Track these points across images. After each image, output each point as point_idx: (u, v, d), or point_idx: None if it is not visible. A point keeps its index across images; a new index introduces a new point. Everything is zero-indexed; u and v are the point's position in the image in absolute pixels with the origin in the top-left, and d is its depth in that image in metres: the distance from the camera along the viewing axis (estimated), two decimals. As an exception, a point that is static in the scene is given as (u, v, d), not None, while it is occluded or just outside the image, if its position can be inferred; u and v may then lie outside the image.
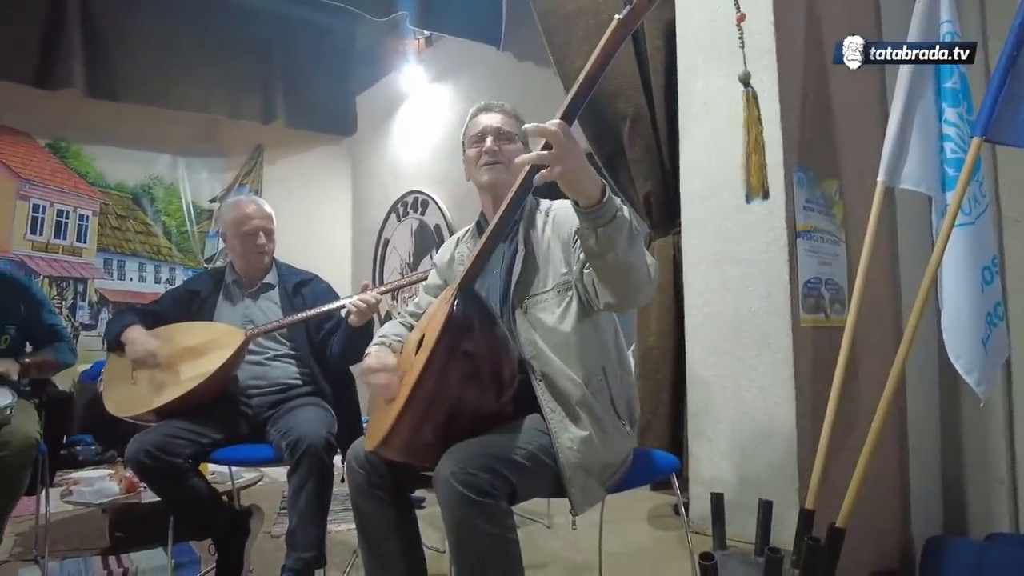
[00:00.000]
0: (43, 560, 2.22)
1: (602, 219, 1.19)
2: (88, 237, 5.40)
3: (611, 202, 1.20)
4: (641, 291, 1.33)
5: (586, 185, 1.17)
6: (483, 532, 1.19)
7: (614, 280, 1.29)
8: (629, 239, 1.23)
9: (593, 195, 1.18)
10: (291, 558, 1.80)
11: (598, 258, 1.25)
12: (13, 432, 1.88)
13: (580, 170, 1.15)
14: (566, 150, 1.12)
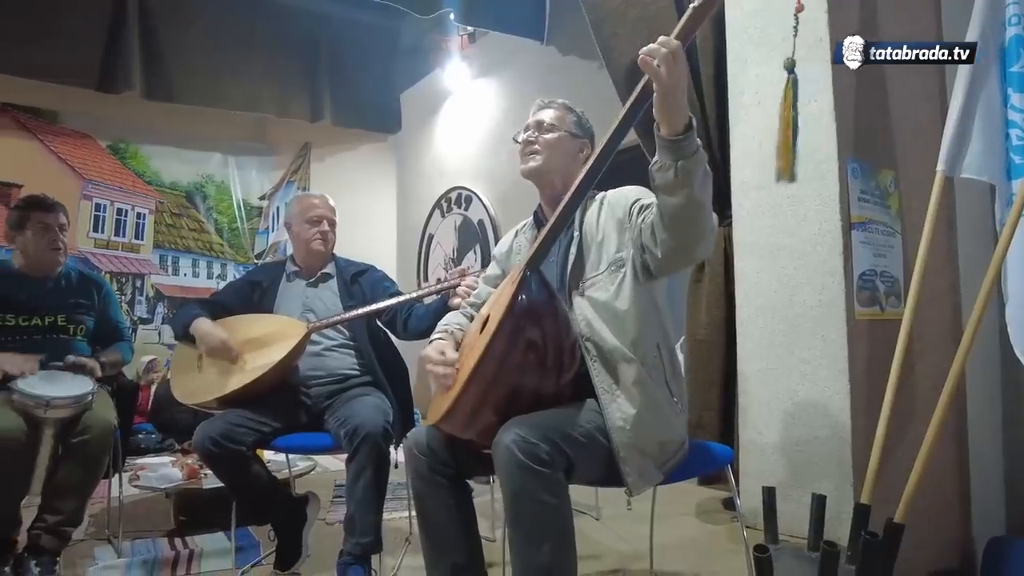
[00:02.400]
0: (116, 540, 2.34)
1: (686, 150, 1.22)
2: (145, 234, 5.62)
3: (695, 135, 1.24)
4: (704, 239, 1.35)
5: (679, 109, 1.21)
6: (540, 500, 1.23)
7: (683, 220, 1.30)
8: (703, 178, 1.27)
9: (681, 123, 1.22)
10: (349, 543, 1.87)
11: (674, 194, 1.27)
12: (93, 418, 1.99)
13: (680, 91, 1.20)
14: (677, 65, 1.17)
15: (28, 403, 1.91)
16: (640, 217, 1.46)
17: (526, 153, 1.62)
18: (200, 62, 5.15)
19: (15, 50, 4.62)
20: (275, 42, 5.43)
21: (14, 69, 4.75)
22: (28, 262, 2.19)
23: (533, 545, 1.24)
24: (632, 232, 1.48)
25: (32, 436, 1.91)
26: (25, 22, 4.60)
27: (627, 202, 1.52)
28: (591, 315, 1.46)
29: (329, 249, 2.31)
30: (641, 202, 1.50)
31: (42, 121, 5.34)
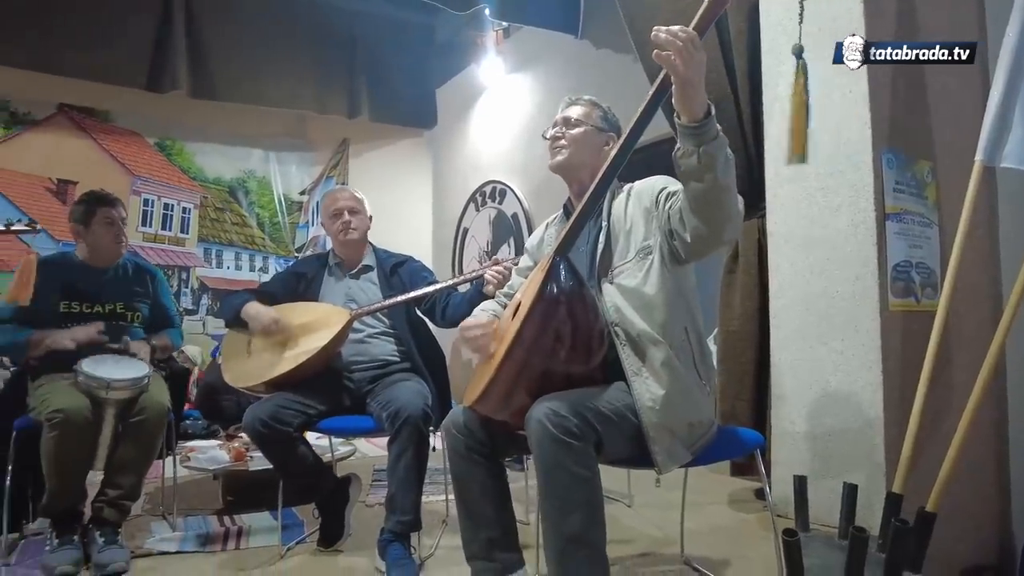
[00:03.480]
0: (170, 516, 2.47)
1: (707, 136, 1.27)
2: (190, 228, 5.82)
3: (714, 121, 1.28)
4: (731, 221, 1.39)
5: (699, 97, 1.26)
6: (570, 472, 1.29)
7: (709, 203, 1.35)
8: (725, 162, 1.31)
9: (701, 110, 1.27)
10: (390, 521, 1.95)
11: (698, 179, 1.32)
12: (150, 400, 2.11)
13: (699, 80, 1.25)
14: (697, 54, 1.22)
15: (92, 384, 2.04)
16: (667, 204, 1.50)
17: (554, 148, 1.67)
18: (243, 61, 5.30)
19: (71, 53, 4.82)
20: (314, 40, 5.55)
21: (70, 71, 4.96)
22: (92, 254, 2.32)
23: (564, 514, 1.30)
24: (660, 219, 1.52)
25: (96, 415, 2.03)
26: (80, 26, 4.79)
27: (653, 191, 1.57)
28: (620, 301, 1.51)
29: (358, 237, 2.36)
30: (667, 189, 1.54)
31: (95, 120, 5.57)
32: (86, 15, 4.80)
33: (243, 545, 2.25)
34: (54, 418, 1.94)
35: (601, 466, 1.38)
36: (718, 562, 2.01)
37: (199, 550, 2.19)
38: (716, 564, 1.99)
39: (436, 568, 2.01)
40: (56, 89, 5.21)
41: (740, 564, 2.00)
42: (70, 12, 4.74)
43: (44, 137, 5.44)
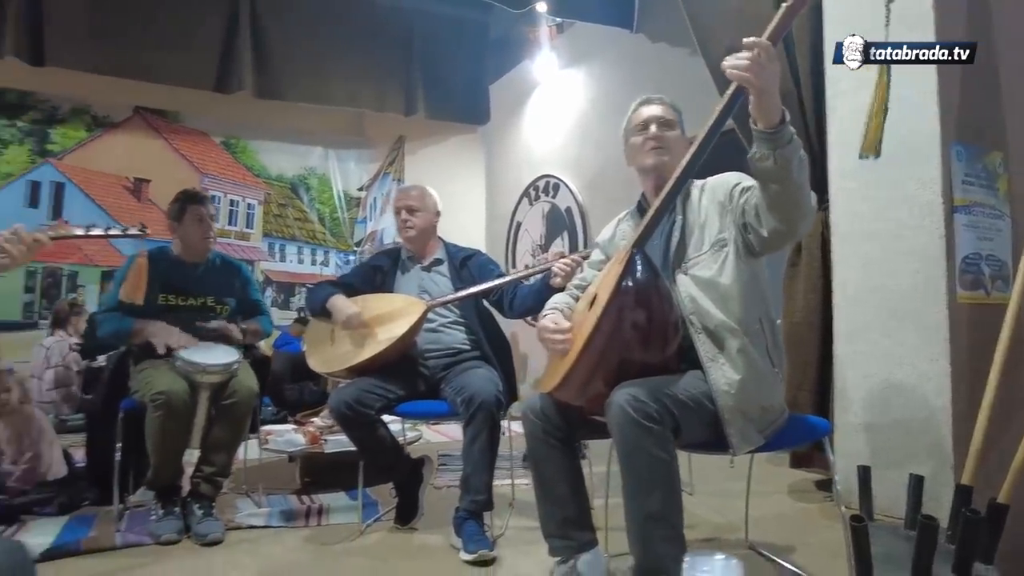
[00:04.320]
0: (254, 494, 2.64)
1: (782, 140, 1.34)
2: (255, 224, 6.08)
3: (788, 127, 1.35)
4: (806, 218, 1.48)
5: (773, 104, 1.33)
6: (649, 454, 1.37)
7: (786, 203, 1.42)
8: (800, 164, 1.38)
9: (776, 116, 1.33)
10: (465, 500, 2.06)
11: (775, 180, 1.39)
12: (240, 384, 2.28)
13: (774, 88, 1.32)
14: (770, 65, 1.28)
15: (188, 369, 2.21)
16: (742, 198, 1.56)
17: (654, 148, 1.68)
18: (305, 61, 5.47)
19: (146, 58, 5.07)
20: (373, 40, 5.69)
21: (144, 75, 5.22)
22: (185, 249, 2.50)
23: (644, 494, 1.38)
24: (734, 213, 1.58)
25: (192, 397, 2.20)
26: (154, 32, 5.03)
27: (728, 186, 1.63)
28: (695, 292, 1.57)
29: (414, 234, 2.45)
30: (742, 185, 1.60)
31: (166, 121, 5.87)
32: (159, 22, 5.03)
33: (324, 522, 2.40)
34: (157, 400, 2.12)
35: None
36: (782, 548, 2.05)
37: (284, 525, 2.35)
38: (780, 550, 2.03)
39: (507, 547, 2.11)
40: (132, 93, 5.51)
41: (805, 551, 2.05)
42: (145, 19, 4.98)
43: (121, 138, 5.76)
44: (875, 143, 2.16)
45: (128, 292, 2.29)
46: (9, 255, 1.57)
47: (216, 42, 5.22)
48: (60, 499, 2.50)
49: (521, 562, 2.00)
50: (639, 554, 1.41)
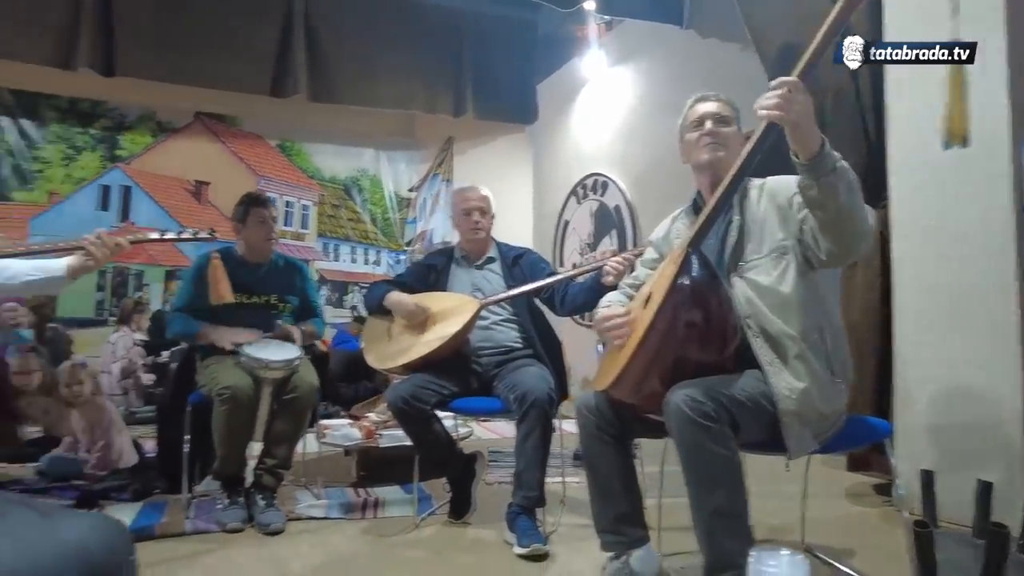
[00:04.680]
0: (313, 486, 2.73)
1: (823, 169, 1.33)
2: (310, 224, 6.25)
3: (830, 154, 1.34)
4: (862, 238, 1.45)
5: (809, 135, 1.32)
6: (710, 451, 1.37)
7: (836, 228, 1.41)
8: (849, 188, 1.36)
9: (814, 146, 1.33)
10: (518, 495, 2.09)
11: (821, 208, 1.39)
12: (301, 379, 2.36)
13: (808, 122, 1.32)
14: (798, 102, 1.30)
15: (253, 364, 2.30)
16: (800, 213, 1.53)
17: (710, 144, 1.67)
18: (358, 65, 5.59)
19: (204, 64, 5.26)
20: (422, 42, 5.76)
21: (203, 81, 5.41)
22: (249, 250, 2.60)
23: (707, 491, 1.39)
24: (794, 226, 1.56)
25: (256, 392, 2.29)
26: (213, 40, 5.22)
27: (788, 192, 1.58)
28: (752, 295, 1.55)
29: (484, 235, 2.52)
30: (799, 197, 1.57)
31: (224, 125, 6.09)
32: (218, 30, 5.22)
33: (380, 514, 2.47)
34: (223, 394, 2.22)
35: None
36: (841, 551, 2.01)
37: (342, 517, 2.43)
38: (839, 553, 1.99)
39: (559, 543, 2.13)
40: (193, 99, 5.72)
41: (864, 554, 2.00)
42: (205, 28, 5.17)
43: (183, 143, 6.00)
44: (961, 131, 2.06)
45: (216, 294, 2.40)
46: (93, 257, 1.68)
47: (271, 48, 5.37)
48: (134, 486, 2.65)
49: (573, 558, 2.02)
50: (706, 550, 1.42)
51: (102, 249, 1.65)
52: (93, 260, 1.68)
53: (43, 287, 1.81)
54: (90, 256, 1.68)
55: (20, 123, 5.50)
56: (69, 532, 0.60)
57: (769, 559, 0.72)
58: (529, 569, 1.95)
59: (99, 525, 0.64)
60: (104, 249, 1.66)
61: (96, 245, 1.65)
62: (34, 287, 1.79)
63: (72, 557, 0.58)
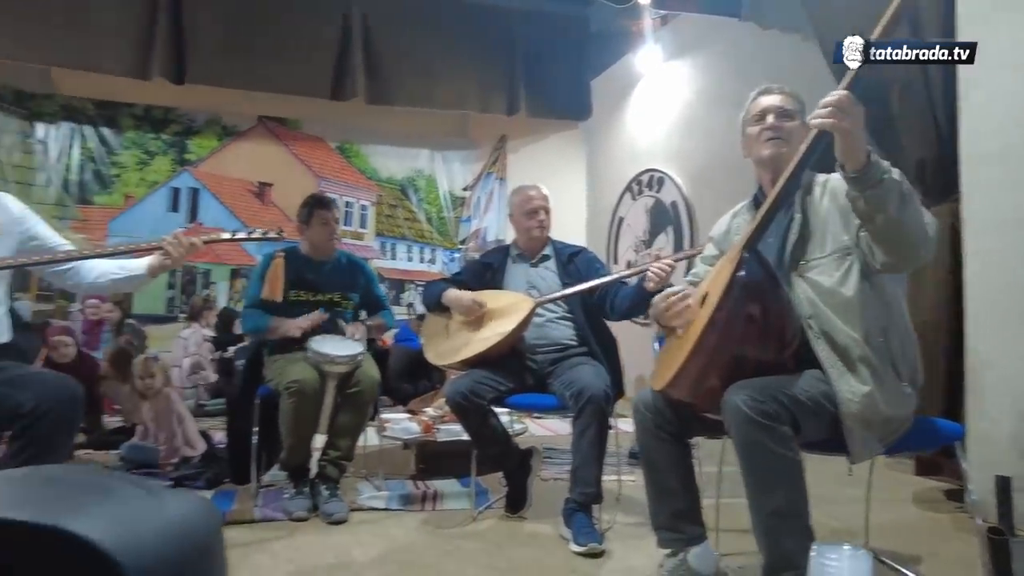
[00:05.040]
0: (373, 478, 2.82)
1: (868, 182, 1.31)
2: (368, 224, 6.40)
3: (877, 167, 1.31)
4: (918, 249, 1.41)
5: (857, 149, 1.30)
6: (769, 451, 1.36)
7: (888, 239, 1.39)
8: (900, 200, 1.33)
9: (860, 159, 1.30)
10: (575, 491, 2.11)
11: (869, 220, 1.37)
12: (363, 374, 2.44)
13: (856, 135, 1.30)
14: (850, 113, 1.28)
15: (318, 359, 2.39)
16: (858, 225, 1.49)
17: (772, 139, 1.64)
18: (413, 67, 5.69)
19: (267, 70, 5.45)
20: (476, 42, 5.83)
21: (266, 86, 5.61)
22: (313, 249, 2.70)
23: (766, 491, 1.38)
24: (854, 229, 1.52)
25: (321, 386, 2.38)
26: (275, 46, 5.41)
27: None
28: (814, 296, 1.52)
29: (546, 234, 2.56)
30: None
31: (286, 128, 6.29)
32: (280, 36, 5.40)
33: (438, 507, 2.53)
34: (291, 387, 2.31)
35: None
36: (907, 557, 1.96)
37: (402, 508, 2.50)
38: (905, 559, 1.94)
39: (615, 540, 2.14)
40: (256, 104, 5.94)
41: (932, 561, 1.94)
42: (268, 35, 5.36)
43: (247, 146, 6.24)
44: None
45: (269, 291, 2.51)
46: (171, 256, 1.79)
47: (331, 53, 5.53)
48: (207, 475, 2.79)
49: (630, 555, 2.02)
50: (766, 550, 1.41)
51: (179, 249, 1.76)
52: (171, 259, 1.78)
53: (126, 285, 1.93)
54: (168, 256, 1.78)
55: (100, 131, 5.83)
56: (172, 509, 0.66)
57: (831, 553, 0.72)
58: (585, 565, 1.97)
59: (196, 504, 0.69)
60: (180, 248, 1.76)
61: (173, 245, 1.76)
62: (119, 285, 1.92)
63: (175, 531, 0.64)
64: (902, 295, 1.60)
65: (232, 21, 5.23)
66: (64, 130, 5.70)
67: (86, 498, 0.63)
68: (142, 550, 0.60)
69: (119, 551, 0.58)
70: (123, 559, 0.58)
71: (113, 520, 0.60)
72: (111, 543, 0.58)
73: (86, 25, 4.90)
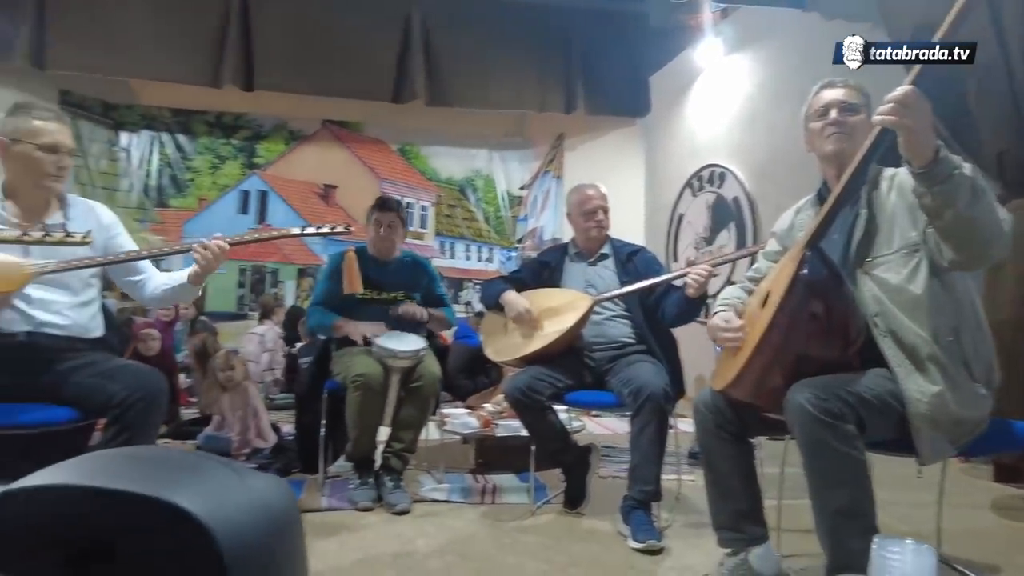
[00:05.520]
0: (435, 471, 2.89)
1: (936, 178, 1.27)
2: (428, 224, 6.53)
3: (946, 162, 1.26)
4: (990, 247, 1.35)
5: (923, 145, 1.26)
6: (833, 449, 1.33)
7: (957, 237, 1.34)
8: (971, 196, 1.28)
9: (927, 155, 1.26)
10: (633, 489, 2.12)
11: (937, 216, 1.32)
12: (425, 369, 2.51)
13: (921, 131, 1.26)
14: (914, 109, 1.24)
15: (383, 354, 2.47)
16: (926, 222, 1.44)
17: (835, 133, 1.60)
18: (471, 69, 5.77)
19: (331, 76, 5.63)
20: (533, 41, 5.86)
21: (331, 91, 5.80)
22: (375, 249, 2.79)
23: (829, 490, 1.35)
24: (922, 224, 1.47)
25: (385, 380, 2.46)
26: (337, 52, 5.57)
27: None
28: (880, 294, 1.49)
29: (604, 234, 2.56)
30: None
31: (349, 132, 6.48)
32: (343, 43, 5.57)
33: (497, 501, 2.57)
34: (356, 381, 2.40)
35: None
36: (984, 567, 1.88)
37: (463, 501, 2.55)
38: (981, 568, 1.86)
39: (674, 538, 2.13)
40: (321, 108, 6.15)
41: (1011, 572, 1.86)
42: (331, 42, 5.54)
43: (312, 149, 6.46)
44: None
45: (348, 285, 2.60)
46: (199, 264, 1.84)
47: (392, 57, 5.66)
48: (276, 465, 2.92)
49: (688, 553, 2.01)
50: (829, 551, 1.38)
51: (206, 255, 1.82)
52: (201, 267, 1.85)
53: (176, 295, 2.03)
54: (198, 264, 1.85)
55: (176, 137, 6.15)
56: (257, 488, 0.71)
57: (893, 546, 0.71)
58: (644, 561, 1.97)
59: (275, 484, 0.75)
60: (207, 253, 1.82)
61: (200, 252, 1.82)
62: (169, 296, 2.02)
63: (261, 508, 0.69)
64: (976, 292, 1.54)
65: (297, 29, 5.43)
66: (144, 138, 6.05)
67: (182, 474, 0.69)
68: (230, 521, 0.66)
69: (211, 521, 0.64)
70: (214, 528, 0.64)
71: (205, 494, 0.66)
72: (204, 513, 0.64)
73: (163, 39, 5.20)
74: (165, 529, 0.64)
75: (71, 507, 0.65)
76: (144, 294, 2.00)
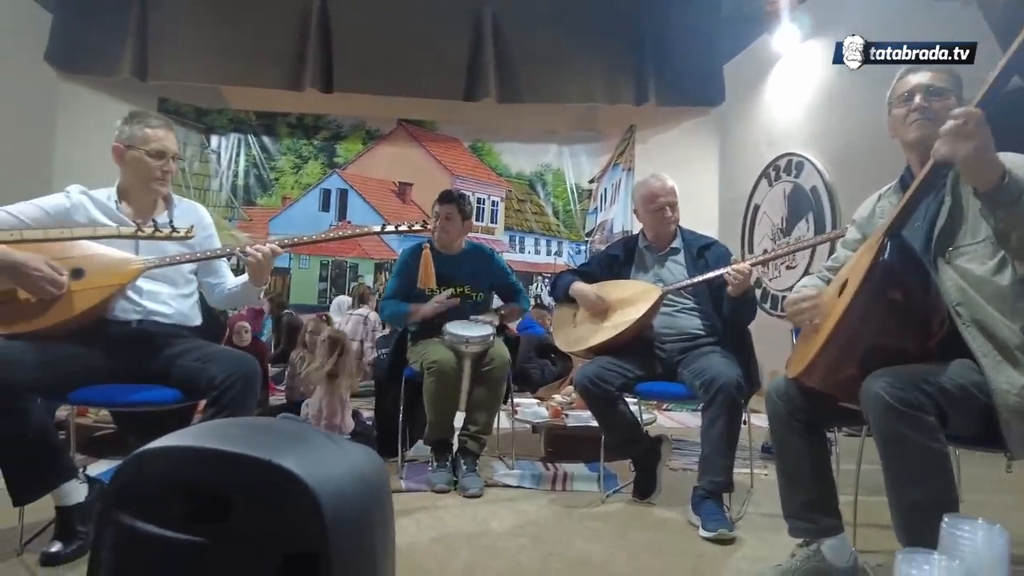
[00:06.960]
0: (506, 458, 2.97)
1: (1001, 203, 1.24)
2: (498, 218, 6.65)
3: (1014, 186, 1.23)
4: None
5: (984, 171, 1.23)
6: (911, 440, 1.31)
7: None
8: None
9: (992, 179, 1.23)
10: (704, 480, 2.12)
11: (1003, 238, 1.30)
12: (495, 353, 2.60)
13: (981, 157, 1.22)
14: (972, 137, 1.21)
15: (455, 341, 2.57)
16: None
17: (919, 120, 1.54)
18: (541, 64, 5.82)
19: (406, 76, 5.81)
20: (603, 34, 5.85)
21: (405, 91, 5.99)
22: (438, 243, 2.88)
23: (906, 483, 1.33)
24: None
25: (458, 365, 2.56)
26: (412, 53, 5.75)
27: None
28: (963, 284, 1.44)
29: (674, 227, 2.56)
30: None
31: (423, 130, 6.67)
32: (416, 44, 5.73)
33: (568, 488, 2.62)
34: (431, 367, 2.50)
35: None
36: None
37: (534, 488, 2.62)
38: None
39: (746, 530, 2.12)
40: (396, 108, 6.35)
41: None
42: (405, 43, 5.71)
43: (388, 148, 6.68)
44: None
45: (423, 279, 2.73)
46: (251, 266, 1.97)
47: (463, 57, 5.79)
48: (358, 448, 3.06)
49: (760, 545, 2.00)
50: (906, 544, 1.36)
51: (256, 256, 1.94)
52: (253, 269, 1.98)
53: (242, 297, 2.19)
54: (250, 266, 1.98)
55: (261, 139, 6.50)
56: (354, 458, 0.80)
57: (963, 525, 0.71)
58: (714, 550, 1.98)
59: (368, 454, 0.83)
60: (256, 255, 1.94)
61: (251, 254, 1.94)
62: (237, 298, 2.18)
63: (357, 476, 0.78)
64: None
65: (373, 32, 5.64)
66: (232, 140, 6.43)
67: (288, 442, 0.78)
68: (331, 485, 0.74)
69: (314, 484, 0.73)
70: (317, 490, 0.73)
71: (309, 459, 0.75)
72: (308, 477, 0.73)
73: (250, 47, 5.51)
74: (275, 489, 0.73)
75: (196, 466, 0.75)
76: (214, 295, 2.17)
